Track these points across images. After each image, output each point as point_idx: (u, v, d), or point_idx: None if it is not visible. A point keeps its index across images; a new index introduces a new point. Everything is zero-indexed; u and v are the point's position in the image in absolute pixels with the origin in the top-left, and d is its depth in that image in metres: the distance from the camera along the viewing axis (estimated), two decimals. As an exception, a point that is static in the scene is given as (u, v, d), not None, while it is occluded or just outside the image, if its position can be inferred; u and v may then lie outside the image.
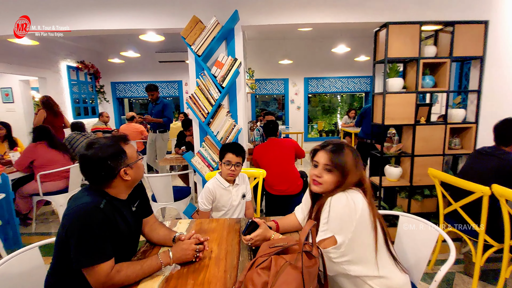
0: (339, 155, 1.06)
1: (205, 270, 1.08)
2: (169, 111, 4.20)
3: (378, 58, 2.42)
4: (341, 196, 1.01)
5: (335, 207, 0.99)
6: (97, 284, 0.93)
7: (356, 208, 0.98)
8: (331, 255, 0.98)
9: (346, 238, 0.96)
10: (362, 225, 0.98)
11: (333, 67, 6.68)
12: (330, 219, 1.00)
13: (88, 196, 0.99)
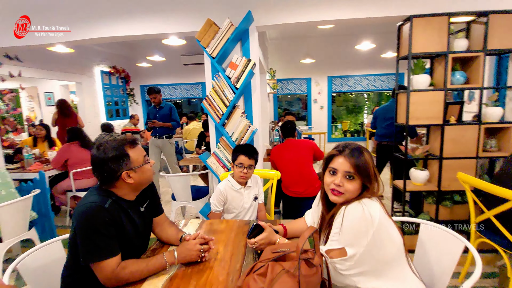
0: (360, 159, 0.97)
1: (208, 272, 1.09)
2: (176, 115, 3.94)
3: (402, 54, 2.27)
4: (357, 207, 0.93)
5: (350, 218, 0.92)
6: (104, 279, 0.98)
7: (373, 221, 0.89)
8: (338, 266, 0.93)
9: (357, 252, 0.90)
10: (378, 238, 0.90)
11: (357, 65, 6.42)
12: (343, 231, 0.93)
13: (95, 196, 1.04)
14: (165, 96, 7.73)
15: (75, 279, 1.08)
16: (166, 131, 3.88)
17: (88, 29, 2.55)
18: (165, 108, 3.84)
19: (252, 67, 2.10)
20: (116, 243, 1.03)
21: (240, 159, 1.65)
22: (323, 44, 6.40)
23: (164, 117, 3.82)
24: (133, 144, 1.10)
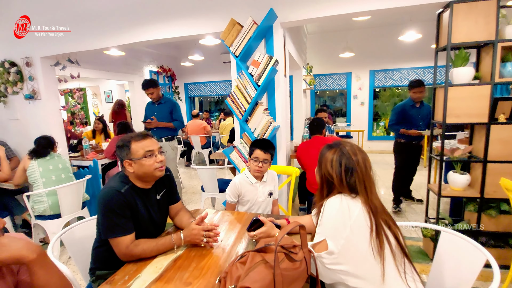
0: (323, 152, 1.08)
1: (209, 257, 1.18)
2: (180, 113, 3.35)
3: (442, 45, 2.05)
4: (336, 199, 0.97)
5: (328, 209, 0.97)
6: (119, 254, 1.14)
7: (351, 213, 0.92)
8: (324, 260, 0.94)
9: (338, 244, 0.91)
10: (357, 235, 0.90)
11: (403, 57, 5.88)
12: (323, 222, 0.96)
13: (116, 182, 1.20)
14: (206, 93, 8.14)
15: (102, 251, 1.28)
16: (166, 132, 3.30)
17: (135, 33, 2.85)
18: (166, 104, 3.29)
19: (274, 64, 2.12)
20: (131, 223, 1.18)
21: (256, 153, 1.70)
22: (363, 36, 6.02)
23: (163, 115, 3.26)
24: (139, 138, 1.22)
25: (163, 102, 3.33)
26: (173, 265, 1.12)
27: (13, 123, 3.51)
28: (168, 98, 3.38)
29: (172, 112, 3.29)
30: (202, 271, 1.08)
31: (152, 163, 1.22)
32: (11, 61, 3.27)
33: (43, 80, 3.23)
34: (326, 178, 1.02)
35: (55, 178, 2.50)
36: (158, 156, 1.24)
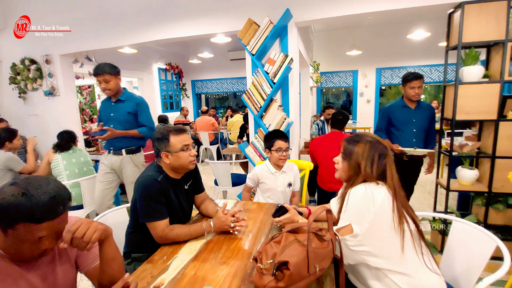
0: (351, 145, 1.12)
1: (237, 241, 1.28)
2: (148, 115, 2.35)
3: (452, 44, 2.12)
4: (360, 187, 1.04)
5: (353, 197, 1.03)
6: (156, 237, 1.24)
7: (375, 200, 0.99)
8: (348, 243, 1.02)
9: (363, 228, 0.99)
10: (381, 218, 0.99)
11: (410, 55, 5.91)
12: (348, 209, 1.04)
13: (152, 171, 1.31)
14: (212, 90, 8.21)
15: (135, 235, 1.38)
16: (128, 142, 2.29)
17: (152, 32, 2.95)
18: (128, 103, 2.26)
19: (289, 62, 2.21)
20: (166, 209, 1.29)
21: (278, 144, 1.80)
22: (371, 34, 6.05)
23: (124, 118, 2.26)
24: (177, 132, 1.32)
25: (123, 99, 2.26)
26: (206, 248, 1.23)
27: (32, 118, 3.64)
28: (131, 95, 2.32)
29: (136, 114, 2.28)
30: (233, 252, 1.18)
31: (187, 157, 1.31)
32: (31, 59, 3.39)
33: (62, 77, 3.35)
34: (354, 169, 1.09)
35: (77, 171, 2.61)
36: (192, 151, 1.34)
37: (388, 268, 1.01)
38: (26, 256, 0.73)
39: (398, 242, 0.98)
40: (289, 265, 0.84)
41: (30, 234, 0.67)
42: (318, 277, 0.97)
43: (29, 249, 0.70)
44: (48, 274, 0.81)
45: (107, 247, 0.83)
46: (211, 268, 1.08)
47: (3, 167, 2.44)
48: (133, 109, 2.29)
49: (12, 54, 3.47)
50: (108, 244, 0.83)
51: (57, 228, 0.71)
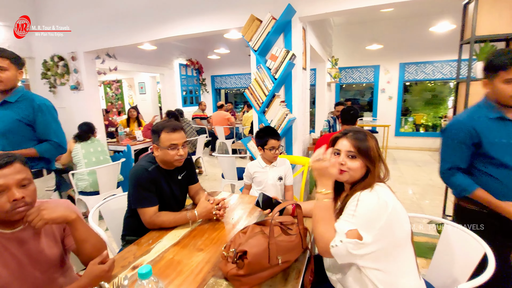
0: (362, 141, 1.02)
1: (220, 230, 1.35)
2: (54, 124, 1.77)
3: (466, 38, 1.99)
4: (372, 196, 0.93)
5: (365, 206, 0.92)
6: (145, 222, 1.35)
7: (387, 207, 0.91)
8: (350, 246, 0.89)
9: (373, 236, 0.89)
10: (390, 221, 0.90)
11: (436, 49, 5.54)
12: (358, 215, 0.91)
13: (144, 162, 1.41)
14: (231, 86, 8.31)
15: (130, 220, 1.50)
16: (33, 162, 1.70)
17: (165, 29, 3.08)
18: (19, 107, 1.63)
19: (291, 58, 2.20)
20: (155, 197, 1.38)
21: (271, 143, 1.85)
22: (392, 27, 5.75)
23: (9, 128, 1.62)
24: (170, 130, 1.38)
25: (11, 101, 1.62)
26: (189, 235, 1.30)
27: (60, 111, 3.93)
28: (27, 95, 1.67)
29: (34, 123, 1.66)
30: (212, 241, 1.24)
31: (173, 155, 1.37)
32: (60, 56, 3.69)
33: (85, 73, 3.61)
34: (368, 167, 1.00)
35: (95, 160, 2.83)
36: (180, 150, 1.38)
37: (376, 267, 0.94)
38: None
39: (404, 238, 0.95)
40: (247, 255, 0.88)
41: None
42: (284, 268, 1.00)
43: None
44: (32, 249, 0.93)
45: (74, 231, 0.93)
46: (188, 253, 1.15)
47: (31, 154, 2.72)
48: (26, 115, 1.61)
49: (43, 51, 3.79)
50: (74, 228, 0.93)
51: (9, 178, 0.84)
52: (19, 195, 0.84)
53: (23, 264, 0.91)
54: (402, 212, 0.95)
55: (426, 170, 4.60)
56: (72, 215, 0.92)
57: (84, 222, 0.97)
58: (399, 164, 5.03)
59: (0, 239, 0.87)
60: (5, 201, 0.83)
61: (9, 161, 0.85)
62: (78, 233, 0.94)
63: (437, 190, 3.69)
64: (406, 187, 3.83)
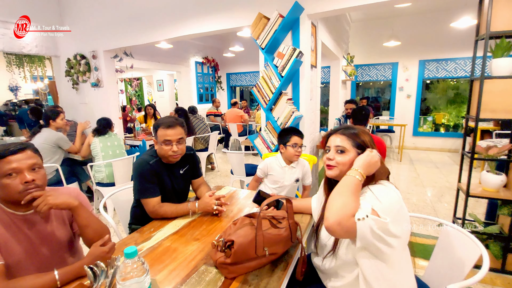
0: (352, 135, 1.02)
1: (217, 222, 1.40)
2: None
3: (481, 33, 1.90)
4: (384, 187, 0.93)
5: (384, 194, 0.89)
6: (148, 211, 1.43)
7: (400, 199, 0.90)
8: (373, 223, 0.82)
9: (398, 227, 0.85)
10: (404, 215, 0.90)
11: (459, 46, 5.26)
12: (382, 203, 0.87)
13: (147, 155, 1.48)
14: (246, 83, 8.36)
15: (136, 210, 1.59)
16: None
17: (179, 28, 3.18)
18: None
19: (298, 55, 2.21)
20: (157, 188, 1.45)
21: (294, 140, 1.86)
22: (411, 23, 5.52)
23: None
24: (166, 126, 1.43)
25: None
26: (188, 225, 1.37)
27: (82, 106, 4.21)
28: None
29: None
30: (209, 232, 1.30)
31: (167, 150, 1.42)
32: (82, 54, 3.91)
33: (105, 70, 3.81)
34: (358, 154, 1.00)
35: (111, 153, 3.00)
36: (174, 146, 1.41)
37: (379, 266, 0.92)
38: (13, 195, 0.94)
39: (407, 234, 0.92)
40: (234, 244, 0.92)
41: (1, 170, 0.91)
42: (272, 260, 1.04)
43: (9, 186, 0.92)
44: (42, 230, 1.03)
45: (76, 217, 1.02)
46: (185, 242, 1.21)
47: (54, 144, 2.91)
48: None
49: (67, 50, 4.04)
50: (76, 214, 1.02)
51: (22, 163, 0.94)
52: (30, 178, 0.94)
53: (34, 243, 1.01)
54: (405, 207, 0.94)
55: (444, 172, 4.42)
56: (75, 202, 1.01)
57: (86, 209, 1.06)
58: (415, 165, 4.86)
59: (14, 220, 0.98)
60: (18, 183, 0.93)
61: (22, 148, 0.96)
62: (80, 218, 1.03)
63: (453, 192, 3.54)
64: (421, 189, 3.71)
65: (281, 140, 1.91)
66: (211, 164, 4.97)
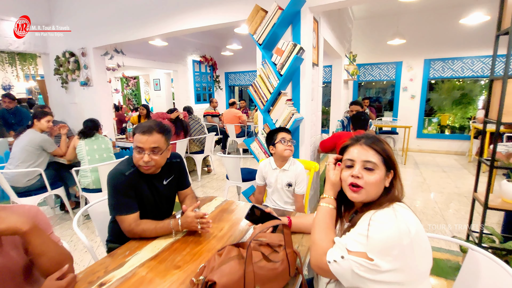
0: (381, 147, 0.83)
1: (204, 243, 1.20)
2: None
3: (504, 27, 1.70)
4: (389, 215, 0.75)
5: (380, 227, 0.74)
6: (124, 230, 1.23)
7: (410, 232, 0.72)
8: (357, 266, 0.74)
9: (391, 266, 0.72)
10: (414, 250, 0.72)
11: (467, 44, 5.05)
12: (372, 238, 0.74)
13: (123, 165, 1.28)
14: (244, 83, 8.16)
15: (114, 225, 1.39)
16: None
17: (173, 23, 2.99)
18: None
19: (299, 52, 2.01)
20: (135, 203, 1.26)
21: (281, 135, 1.74)
22: (417, 20, 5.30)
23: None
24: (140, 132, 1.24)
25: None
26: (170, 247, 1.17)
27: (72, 106, 4.02)
28: None
29: None
30: (193, 257, 1.10)
31: (138, 159, 1.24)
32: (71, 52, 3.71)
33: (95, 69, 3.61)
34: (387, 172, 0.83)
35: (98, 157, 2.80)
36: (145, 156, 1.22)
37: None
38: None
39: (427, 269, 0.76)
40: (216, 285, 0.73)
41: None
42: (267, 300, 0.84)
43: None
44: None
45: (26, 244, 0.82)
46: (164, 270, 1.02)
47: (39, 147, 2.72)
48: None
49: (56, 47, 3.84)
50: (26, 242, 0.82)
51: None
52: None
53: None
54: (426, 240, 0.76)
55: (452, 176, 4.22)
56: (23, 226, 0.81)
57: (40, 234, 0.86)
58: (421, 169, 4.67)
59: None
60: None
61: None
62: (31, 246, 0.83)
63: (463, 199, 3.34)
64: (428, 195, 3.51)
65: (269, 142, 1.80)
66: (207, 167, 4.77)
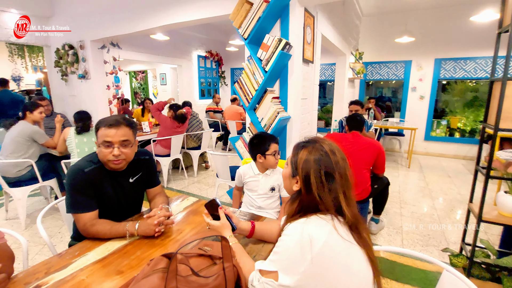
0: (295, 153, 0.86)
1: (158, 247, 1.14)
2: None
3: (505, 24, 1.54)
4: (296, 227, 0.75)
5: (286, 240, 0.76)
6: (79, 229, 1.19)
7: (313, 246, 0.70)
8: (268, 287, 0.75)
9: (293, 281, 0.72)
10: (319, 269, 0.71)
11: (481, 43, 4.76)
12: (279, 251, 0.77)
13: (83, 161, 1.24)
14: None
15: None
16: None
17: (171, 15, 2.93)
18: None
19: (285, 48, 1.91)
20: (93, 202, 1.21)
21: (274, 147, 1.67)
22: (427, 18, 5.03)
23: None
24: (107, 125, 1.19)
25: None
26: (122, 250, 1.12)
27: (71, 98, 4.06)
28: None
29: None
30: (141, 262, 1.04)
31: (106, 154, 1.19)
32: (70, 44, 3.73)
33: (92, 62, 3.61)
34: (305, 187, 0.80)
35: (87, 150, 2.80)
36: (115, 150, 1.18)
37: None
38: None
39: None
40: (130, 302, 0.66)
41: None
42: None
43: None
44: None
45: None
46: (105, 275, 0.97)
47: (29, 138, 2.74)
48: None
49: (57, 40, 3.87)
50: None
51: None
52: None
53: None
54: (348, 255, 0.71)
55: (456, 182, 4.01)
56: None
57: None
58: (425, 173, 4.46)
59: None
60: None
61: None
62: None
63: (464, 207, 3.16)
64: (428, 200, 3.34)
65: (259, 149, 1.67)
66: (205, 163, 4.74)
